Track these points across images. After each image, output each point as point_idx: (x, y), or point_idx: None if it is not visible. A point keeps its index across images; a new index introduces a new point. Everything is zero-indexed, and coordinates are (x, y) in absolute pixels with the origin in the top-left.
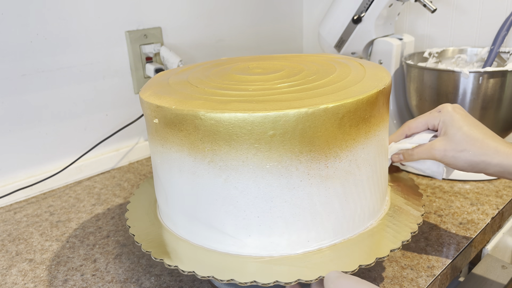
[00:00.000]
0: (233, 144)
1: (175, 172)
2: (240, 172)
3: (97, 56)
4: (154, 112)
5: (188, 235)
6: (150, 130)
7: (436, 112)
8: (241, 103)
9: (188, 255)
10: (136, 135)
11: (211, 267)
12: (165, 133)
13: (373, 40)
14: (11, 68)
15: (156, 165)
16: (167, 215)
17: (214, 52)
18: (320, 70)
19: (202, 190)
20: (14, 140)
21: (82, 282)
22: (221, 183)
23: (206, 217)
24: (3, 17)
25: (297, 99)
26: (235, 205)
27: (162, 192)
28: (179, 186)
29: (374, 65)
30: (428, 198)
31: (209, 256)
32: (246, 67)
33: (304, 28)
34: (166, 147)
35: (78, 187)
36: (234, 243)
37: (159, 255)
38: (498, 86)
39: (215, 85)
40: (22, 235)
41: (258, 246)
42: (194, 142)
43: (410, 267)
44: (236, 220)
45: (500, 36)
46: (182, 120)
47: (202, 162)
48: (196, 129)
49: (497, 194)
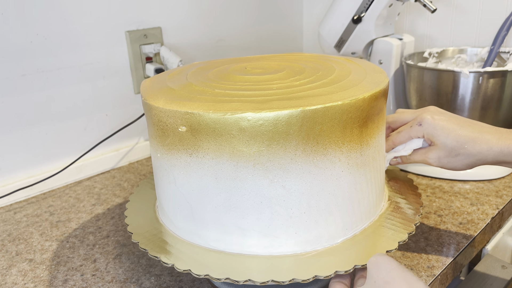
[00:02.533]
0: (282, 143)
1: (208, 181)
2: (287, 170)
3: (97, 56)
4: (181, 120)
5: (209, 242)
6: (168, 141)
7: (417, 125)
8: (281, 100)
9: (217, 262)
10: (136, 135)
11: (249, 271)
12: (197, 141)
13: (373, 40)
14: (11, 68)
15: (175, 177)
16: (184, 225)
17: (214, 52)
18: (322, 68)
19: (243, 195)
20: (14, 140)
21: (82, 282)
22: (267, 184)
23: (244, 223)
24: (3, 17)
25: (332, 92)
26: (281, 205)
27: (184, 204)
28: (213, 195)
29: (361, 60)
30: (428, 198)
31: (247, 260)
32: (243, 67)
33: (304, 28)
34: (197, 156)
35: (78, 187)
36: (278, 243)
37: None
38: (498, 86)
39: (231, 87)
40: (22, 235)
41: (302, 241)
42: (238, 145)
43: (410, 267)
44: (283, 220)
45: (500, 36)
46: (224, 124)
47: (246, 165)
48: (241, 132)
49: (497, 194)
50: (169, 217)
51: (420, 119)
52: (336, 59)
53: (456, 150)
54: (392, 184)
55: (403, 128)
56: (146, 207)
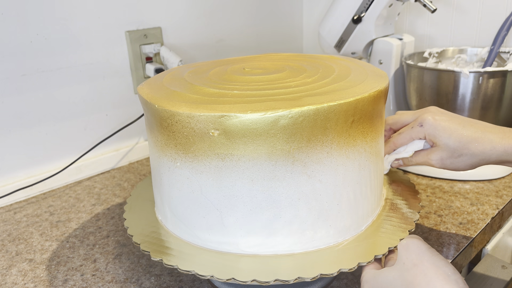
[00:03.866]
0: (319, 137)
1: (242, 185)
2: (324, 164)
3: (97, 56)
4: (214, 123)
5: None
6: (194, 147)
7: (418, 126)
8: (312, 96)
9: (248, 265)
10: (136, 135)
11: (276, 270)
12: (231, 143)
13: (373, 40)
14: (11, 68)
15: (201, 185)
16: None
17: (214, 52)
18: (317, 67)
19: (280, 194)
20: (14, 140)
21: (82, 282)
22: (305, 181)
23: (280, 222)
24: (3, 17)
25: (352, 86)
26: (318, 199)
27: (212, 212)
28: (247, 198)
29: (353, 60)
30: (428, 198)
31: (273, 260)
32: (241, 68)
33: (304, 28)
34: (230, 160)
35: (78, 187)
36: (313, 237)
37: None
38: (498, 86)
39: (246, 87)
40: (22, 235)
41: (335, 233)
42: (277, 144)
43: None
44: (319, 213)
45: (500, 36)
46: (263, 123)
47: (285, 163)
48: (282, 130)
49: (497, 194)
50: (190, 229)
51: (421, 119)
52: (322, 58)
53: (459, 150)
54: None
55: (404, 130)
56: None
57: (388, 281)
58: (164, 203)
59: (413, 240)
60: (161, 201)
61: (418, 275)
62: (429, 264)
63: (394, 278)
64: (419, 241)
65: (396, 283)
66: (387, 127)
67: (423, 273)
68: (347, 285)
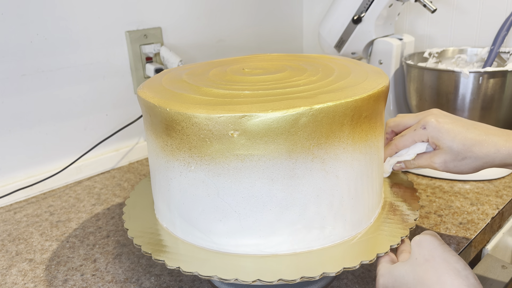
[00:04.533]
0: (337, 133)
1: (262, 185)
2: (340, 159)
3: (97, 56)
4: (234, 124)
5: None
6: (212, 149)
7: (421, 129)
8: (326, 94)
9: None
10: (136, 135)
11: (300, 267)
12: (251, 143)
13: (373, 40)
14: (11, 68)
15: (218, 187)
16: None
17: (214, 52)
18: (315, 67)
19: (300, 191)
20: (14, 140)
21: (82, 282)
22: (323, 177)
23: (300, 220)
24: (3, 17)
25: (358, 83)
26: (335, 194)
27: (230, 215)
28: (267, 198)
29: (347, 59)
30: (428, 198)
31: (302, 257)
32: (240, 68)
33: (304, 28)
34: (250, 160)
35: (78, 187)
36: (330, 233)
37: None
38: (498, 86)
39: (254, 87)
40: (22, 235)
41: (350, 227)
42: (298, 141)
43: None
44: (337, 208)
45: (500, 36)
46: (284, 122)
47: (305, 161)
48: (303, 127)
49: (497, 194)
50: (205, 235)
51: (424, 122)
52: (314, 57)
53: (462, 153)
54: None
55: (407, 132)
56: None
57: (401, 275)
58: (172, 210)
59: (426, 236)
60: (168, 207)
61: (429, 270)
62: (440, 260)
63: (407, 272)
64: (432, 237)
65: (409, 277)
66: (388, 129)
67: (434, 268)
68: (347, 285)
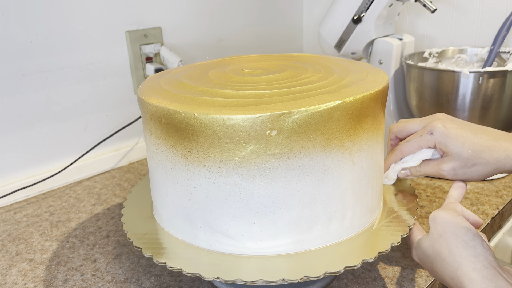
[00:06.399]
0: (362, 125)
1: (298, 181)
2: (364, 150)
3: (97, 56)
4: (272, 123)
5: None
6: (248, 151)
7: (427, 134)
8: (346, 87)
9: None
10: (136, 135)
11: (343, 258)
12: (289, 141)
13: (373, 40)
14: (11, 68)
15: (253, 190)
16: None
17: (214, 52)
18: (314, 66)
19: (332, 184)
20: (14, 140)
21: (82, 282)
22: (351, 168)
23: (329, 213)
24: (3, 17)
25: (364, 78)
26: (360, 184)
27: (264, 215)
28: (302, 194)
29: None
30: (428, 198)
31: (326, 251)
32: (239, 69)
33: (304, 28)
34: (287, 158)
35: (78, 187)
36: (352, 224)
37: None
38: (498, 86)
39: (268, 87)
40: (22, 235)
41: (367, 214)
42: (331, 135)
43: (410, 267)
44: (361, 198)
45: (500, 36)
46: (321, 116)
47: (337, 154)
48: (337, 120)
49: (497, 194)
50: (235, 241)
51: (431, 127)
52: (308, 57)
53: (472, 159)
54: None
55: (412, 138)
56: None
57: (424, 248)
58: (194, 220)
59: (439, 212)
60: (189, 218)
61: (442, 245)
62: (450, 234)
63: (427, 246)
64: (444, 213)
65: (429, 251)
66: (392, 135)
67: (446, 242)
68: (347, 285)
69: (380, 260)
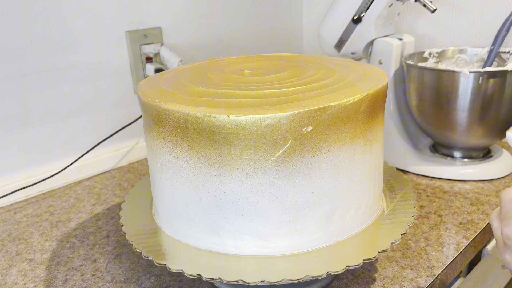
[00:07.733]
0: (378, 116)
1: (330, 175)
2: (379, 140)
3: (97, 56)
4: (309, 119)
5: None
6: (284, 149)
7: None
8: (359, 81)
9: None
10: (136, 135)
11: (374, 245)
12: (323, 136)
13: (373, 40)
14: (11, 68)
15: (287, 188)
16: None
17: (214, 52)
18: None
19: (357, 175)
20: (14, 140)
21: (82, 282)
22: (369, 157)
23: (354, 204)
24: (3, 17)
25: (364, 75)
26: (376, 172)
27: (300, 210)
28: (333, 187)
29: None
30: (428, 198)
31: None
32: (238, 69)
33: (304, 28)
34: (321, 153)
35: (78, 187)
36: (375, 208)
37: None
38: (498, 86)
39: (278, 85)
40: (22, 235)
41: (380, 200)
42: (357, 128)
43: (410, 267)
44: (377, 185)
45: (500, 36)
46: (349, 111)
47: (361, 145)
48: (363, 113)
49: (497, 194)
50: (264, 242)
51: None
52: (308, 58)
53: None
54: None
55: None
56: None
57: None
58: (224, 226)
59: (506, 190)
60: (217, 225)
61: None
62: None
63: None
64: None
65: None
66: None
67: None
68: (347, 285)
69: (380, 260)
